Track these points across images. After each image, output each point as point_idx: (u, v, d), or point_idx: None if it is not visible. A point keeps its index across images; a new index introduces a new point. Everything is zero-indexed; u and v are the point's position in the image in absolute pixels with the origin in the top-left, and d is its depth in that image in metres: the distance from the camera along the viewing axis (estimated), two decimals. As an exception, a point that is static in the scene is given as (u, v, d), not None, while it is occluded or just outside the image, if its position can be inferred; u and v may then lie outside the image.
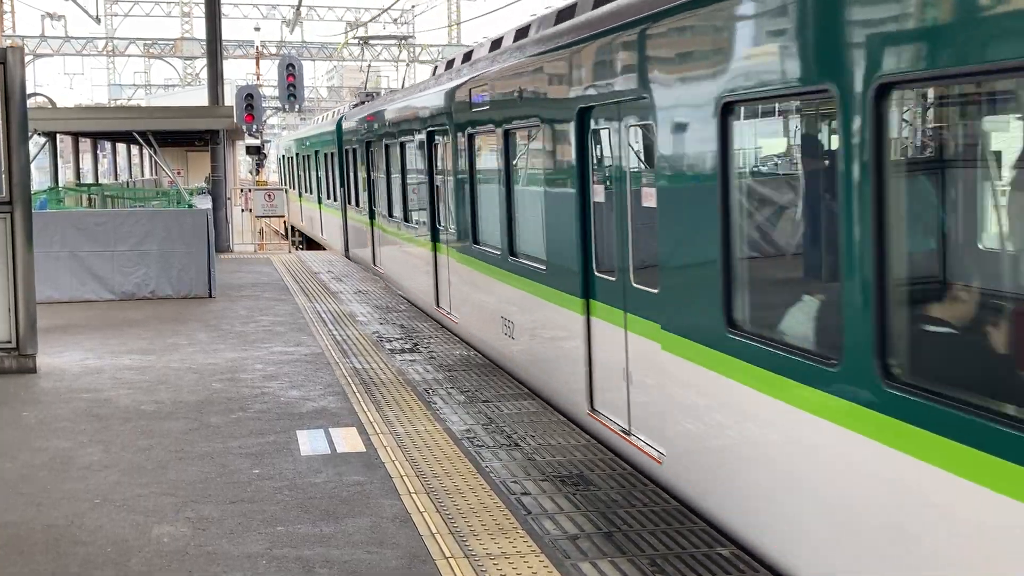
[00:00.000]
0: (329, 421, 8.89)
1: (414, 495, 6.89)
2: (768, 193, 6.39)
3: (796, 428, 5.35)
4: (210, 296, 16.91)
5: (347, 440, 8.28)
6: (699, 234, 6.28)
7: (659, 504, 6.68)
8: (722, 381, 6.07)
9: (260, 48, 56.50)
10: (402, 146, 16.24)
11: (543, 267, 9.37)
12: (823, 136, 5.79)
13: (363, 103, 23.79)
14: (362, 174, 20.86)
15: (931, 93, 4.96)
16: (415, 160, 15.32)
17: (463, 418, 8.98)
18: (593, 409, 8.42)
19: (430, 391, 10.00)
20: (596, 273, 8.30)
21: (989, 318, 4.76)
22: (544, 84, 9.29)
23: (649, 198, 7.11)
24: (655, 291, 7.01)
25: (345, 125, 23.36)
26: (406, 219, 16.35)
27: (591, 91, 8.08)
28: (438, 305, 14.07)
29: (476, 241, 11.89)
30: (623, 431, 7.73)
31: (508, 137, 10.43)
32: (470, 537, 6.12)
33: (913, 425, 4.45)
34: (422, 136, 14.41)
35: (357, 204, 21.88)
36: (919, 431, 4.41)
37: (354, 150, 21.83)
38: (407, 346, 12.44)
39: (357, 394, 9.86)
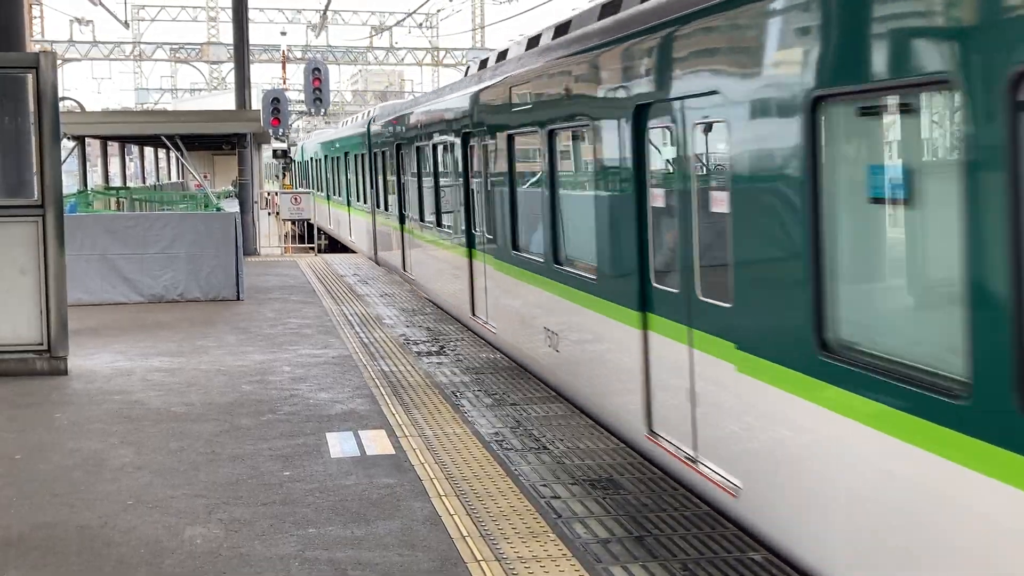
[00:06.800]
0: (358, 423, 8.92)
1: (444, 498, 6.91)
2: None
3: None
4: (238, 299, 16.98)
5: (376, 442, 8.31)
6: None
7: (689, 508, 6.67)
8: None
9: (286, 52, 56.78)
10: (383, 155, 21.41)
11: (460, 233, 14.09)
12: None
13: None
14: (359, 175, 25.94)
15: None
16: (392, 165, 20.36)
17: (491, 421, 8.99)
18: (474, 313, 12.94)
19: (457, 394, 10.02)
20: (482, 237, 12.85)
21: None
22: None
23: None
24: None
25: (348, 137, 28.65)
26: (386, 207, 21.51)
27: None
28: (404, 269, 19.45)
29: (422, 220, 17.19)
30: (469, 316, 12.94)
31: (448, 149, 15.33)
32: (501, 540, 6.13)
33: None
34: (392, 149, 19.85)
35: (359, 199, 27.00)
36: None
37: (359, 155, 26.74)
38: (434, 349, 12.47)
39: (385, 396, 9.89)
